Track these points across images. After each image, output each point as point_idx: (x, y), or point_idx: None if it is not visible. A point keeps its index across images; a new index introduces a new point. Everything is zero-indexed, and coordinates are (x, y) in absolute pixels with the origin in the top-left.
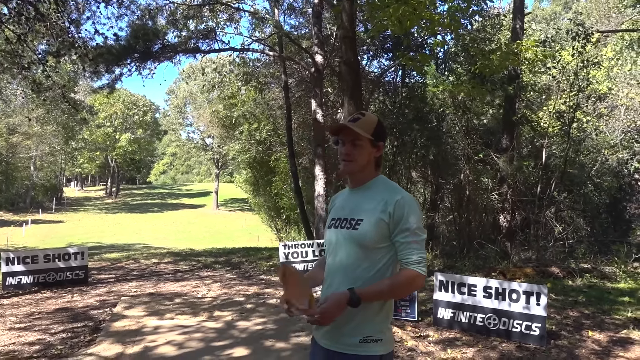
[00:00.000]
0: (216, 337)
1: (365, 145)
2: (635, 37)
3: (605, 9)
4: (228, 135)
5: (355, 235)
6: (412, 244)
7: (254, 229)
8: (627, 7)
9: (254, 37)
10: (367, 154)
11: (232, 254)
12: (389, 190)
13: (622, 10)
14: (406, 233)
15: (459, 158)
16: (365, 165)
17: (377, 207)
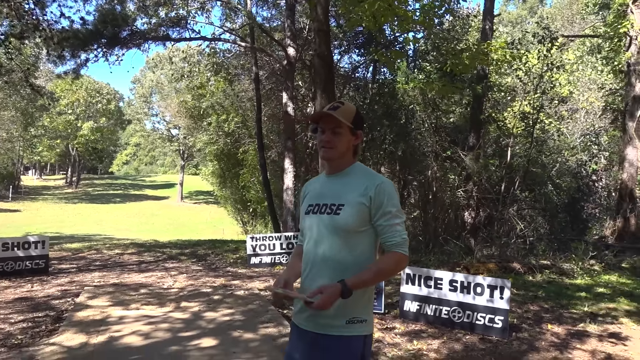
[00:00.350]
0: (183, 328)
1: (345, 133)
2: (595, 43)
3: (569, 15)
4: (195, 126)
5: (337, 220)
6: (394, 227)
7: (219, 222)
8: (589, 13)
9: (225, 27)
10: (346, 141)
11: (197, 246)
12: (368, 176)
13: (585, 16)
14: (388, 216)
15: (427, 155)
16: (344, 153)
17: (357, 192)
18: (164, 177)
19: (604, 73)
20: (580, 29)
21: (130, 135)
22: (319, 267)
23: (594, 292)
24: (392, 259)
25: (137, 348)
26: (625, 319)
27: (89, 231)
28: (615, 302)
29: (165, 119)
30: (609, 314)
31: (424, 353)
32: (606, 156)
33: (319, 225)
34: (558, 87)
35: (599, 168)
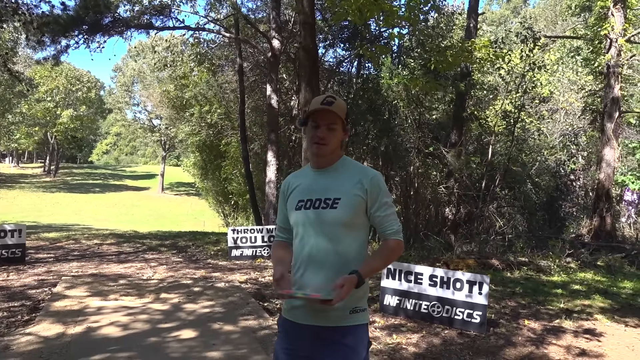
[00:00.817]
0: (162, 319)
1: (338, 129)
2: (576, 44)
3: (552, 16)
4: (178, 117)
5: (334, 213)
6: (390, 216)
7: (200, 214)
8: (571, 15)
9: (209, 17)
10: (339, 137)
11: (178, 238)
12: (360, 169)
13: (566, 18)
14: (385, 207)
15: (409, 151)
16: (335, 148)
17: (352, 185)
18: (144, 168)
19: (583, 74)
20: (563, 31)
21: (110, 125)
22: (317, 263)
23: (569, 289)
24: (393, 246)
25: (115, 339)
26: (600, 315)
27: (67, 221)
28: (590, 299)
29: (147, 109)
30: (584, 310)
31: (403, 347)
32: (584, 156)
33: (315, 220)
34: (539, 87)
35: (577, 168)
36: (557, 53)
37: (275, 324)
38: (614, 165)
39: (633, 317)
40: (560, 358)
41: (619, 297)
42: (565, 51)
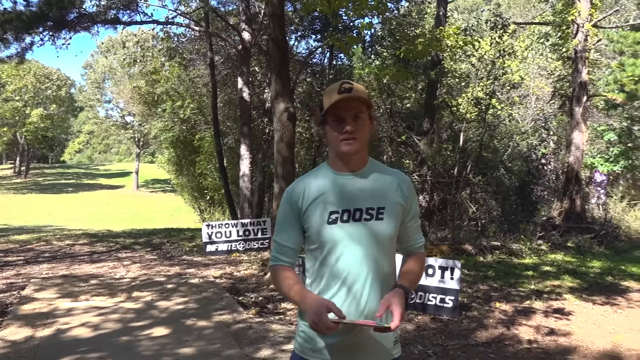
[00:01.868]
0: (135, 318)
1: (366, 118)
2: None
3: (524, 2)
4: (150, 113)
5: (382, 226)
6: (419, 228)
7: (176, 210)
8: (540, 2)
9: (179, 10)
10: (368, 127)
11: (152, 235)
12: (394, 172)
13: (535, 5)
14: (416, 216)
15: (382, 140)
16: (366, 143)
17: (393, 191)
18: (119, 166)
19: (552, 60)
20: (533, 17)
21: (82, 123)
22: (366, 286)
23: (540, 270)
24: (423, 259)
25: (85, 340)
26: (569, 295)
27: (39, 222)
28: (559, 280)
29: (119, 106)
30: (554, 291)
31: None
32: (555, 140)
33: (360, 235)
34: (509, 74)
35: (548, 152)
36: (527, 39)
37: (250, 317)
38: (583, 149)
39: (600, 295)
40: (530, 338)
41: (587, 276)
42: (535, 37)
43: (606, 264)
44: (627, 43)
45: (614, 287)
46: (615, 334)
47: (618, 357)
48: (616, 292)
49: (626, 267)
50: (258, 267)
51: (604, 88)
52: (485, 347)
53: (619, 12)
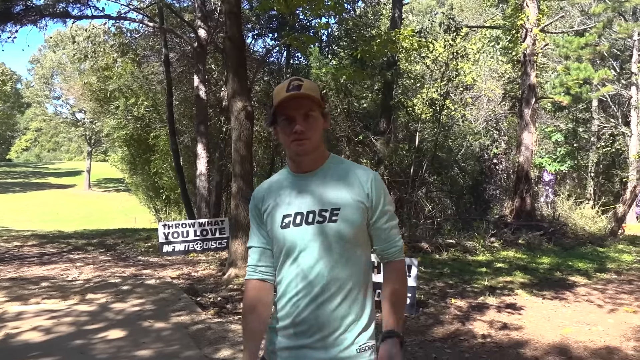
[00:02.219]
0: (89, 321)
1: (317, 116)
2: (495, 34)
3: (475, 6)
4: (102, 110)
5: (336, 228)
6: (394, 229)
7: (131, 210)
8: (491, 6)
9: (132, 5)
10: (320, 125)
11: (106, 236)
12: (356, 168)
13: (487, 9)
14: (387, 216)
15: (340, 140)
16: (319, 142)
17: (351, 190)
18: (69, 164)
19: (503, 63)
20: (484, 21)
21: (29, 120)
22: (323, 293)
23: (493, 267)
24: (403, 268)
25: (36, 344)
26: (520, 290)
27: None
28: (511, 276)
29: (69, 102)
30: (506, 286)
31: None
32: (505, 141)
33: (312, 239)
34: (462, 75)
35: (499, 152)
36: (478, 42)
37: (209, 318)
38: (532, 149)
39: (549, 290)
40: (484, 333)
41: (537, 272)
42: (486, 40)
43: (555, 260)
44: (572, 48)
45: (562, 282)
46: (563, 327)
47: (566, 349)
48: (564, 287)
49: (573, 263)
50: (216, 267)
51: (551, 91)
52: (441, 342)
53: (564, 18)
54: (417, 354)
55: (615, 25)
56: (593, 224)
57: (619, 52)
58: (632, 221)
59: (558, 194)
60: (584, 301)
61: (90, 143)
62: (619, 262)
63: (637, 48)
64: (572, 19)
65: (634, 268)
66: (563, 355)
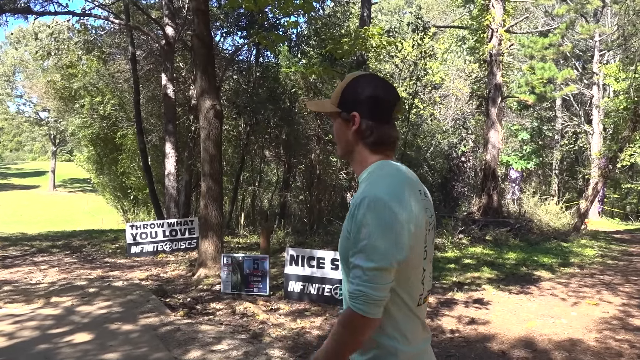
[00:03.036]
0: (54, 324)
1: (335, 122)
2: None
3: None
4: (67, 109)
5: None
6: (356, 270)
7: (98, 211)
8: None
9: (96, 2)
10: (341, 133)
11: (72, 237)
12: (363, 181)
13: (454, 9)
14: (353, 249)
15: (310, 138)
16: (346, 148)
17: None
18: (33, 165)
19: (470, 62)
20: (452, 21)
21: None
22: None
23: (461, 263)
24: (340, 318)
25: None
26: (487, 285)
27: None
28: (479, 272)
29: (32, 101)
30: (474, 282)
31: (307, 331)
32: (473, 139)
33: None
34: (431, 75)
35: (467, 150)
36: (446, 42)
37: (178, 319)
38: (499, 147)
39: (515, 285)
40: (452, 328)
41: (504, 267)
42: (454, 40)
43: (520, 255)
44: (536, 48)
45: (528, 276)
46: (529, 321)
47: (531, 342)
48: (530, 282)
49: (538, 258)
50: (186, 267)
51: (516, 90)
52: None
53: (529, 19)
54: None
55: (578, 27)
56: (557, 220)
57: (581, 52)
58: (594, 217)
59: (524, 190)
60: (549, 295)
61: (54, 142)
62: (581, 257)
63: (598, 49)
64: (537, 20)
65: (596, 262)
66: (528, 348)
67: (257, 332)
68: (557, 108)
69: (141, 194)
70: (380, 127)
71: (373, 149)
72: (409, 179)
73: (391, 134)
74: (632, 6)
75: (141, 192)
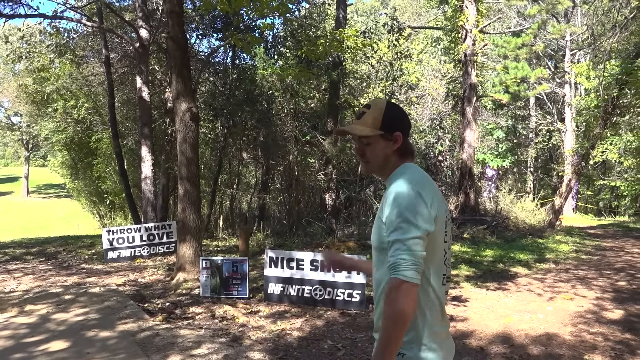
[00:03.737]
0: (29, 333)
1: (375, 143)
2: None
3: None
4: (39, 113)
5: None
6: (395, 244)
7: (73, 217)
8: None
9: (68, 4)
10: (381, 151)
11: (47, 244)
12: (392, 180)
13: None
14: (390, 230)
15: (288, 140)
16: (383, 164)
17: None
18: (5, 170)
19: (445, 62)
20: (427, 21)
21: None
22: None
23: None
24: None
25: None
26: (465, 282)
27: None
28: (457, 269)
29: (4, 105)
30: (452, 279)
31: (288, 332)
32: (450, 138)
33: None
34: (407, 75)
35: (444, 149)
36: (421, 43)
37: (157, 324)
38: (475, 146)
39: (493, 282)
40: None
41: (481, 264)
42: (429, 41)
43: (497, 252)
44: (509, 48)
45: (505, 273)
46: (506, 317)
47: (509, 337)
48: (507, 278)
49: (515, 255)
50: (164, 272)
51: (491, 89)
52: None
53: (502, 19)
54: (367, 349)
55: (549, 27)
56: (533, 217)
57: (553, 52)
58: (569, 213)
59: (500, 188)
60: (525, 291)
61: (27, 148)
62: (557, 252)
63: (569, 48)
64: (509, 20)
65: (571, 257)
66: (506, 343)
67: (237, 335)
68: (531, 107)
69: (118, 199)
70: (407, 141)
71: (402, 159)
72: (429, 177)
73: (412, 146)
74: (600, 7)
75: (117, 196)
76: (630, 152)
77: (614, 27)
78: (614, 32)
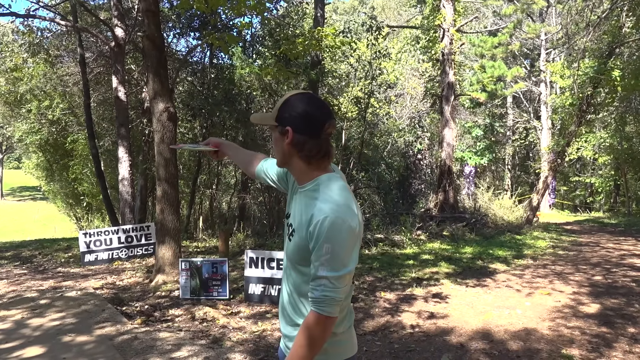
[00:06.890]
0: (2, 339)
1: (273, 134)
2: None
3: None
4: (13, 114)
5: (288, 246)
6: (322, 279)
7: (49, 220)
8: (410, 6)
9: (42, 2)
10: (278, 145)
11: (21, 248)
12: (321, 202)
13: (407, 9)
14: (317, 262)
15: (267, 140)
16: (284, 159)
17: (306, 220)
18: None
19: (423, 62)
20: (405, 21)
21: None
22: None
23: (420, 259)
24: (304, 324)
25: None
26: (445, 280)
27: None
28: (437, 267)
29: None
30: (432, 277)
31: (269, 333)
32: (429, 137)
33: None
34: (386, 74)
35: (423, 148)
36: (400, 42)
37: (136, 327)
38: (453, 144)
39: (472, 278)
40: (412, 323)
41: (461, 261)
42: (407, 40)
43: (476, 249)
44: (486, 47)
45: (484, 270)
46: (485, 313)
47: (488, 333)
48: (486, 275)
49: (493, 251)
50: (143, 274)
51: (468, 88)
52: (372, 335)
53: (478, 18)
54: None
55: (525, 26)
56: (511, 214)
57: (529, 51)
58: (546, 209)
59: (478, 186)
60: (504, 287)
61: (1, 149)
62: (534, 249)
63: (545, 47)
64: (486, 20)
65: (548, 253)
66: (486, 339)
67: (217, 336)
68: (508, 105)
69: (95, 201)
70: (310, 141)
71: (307, 161)
72: (351, 193)
73: (321, 148)
74: (574, 6)
75: (95, 198)
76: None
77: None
78: (588, 31)
